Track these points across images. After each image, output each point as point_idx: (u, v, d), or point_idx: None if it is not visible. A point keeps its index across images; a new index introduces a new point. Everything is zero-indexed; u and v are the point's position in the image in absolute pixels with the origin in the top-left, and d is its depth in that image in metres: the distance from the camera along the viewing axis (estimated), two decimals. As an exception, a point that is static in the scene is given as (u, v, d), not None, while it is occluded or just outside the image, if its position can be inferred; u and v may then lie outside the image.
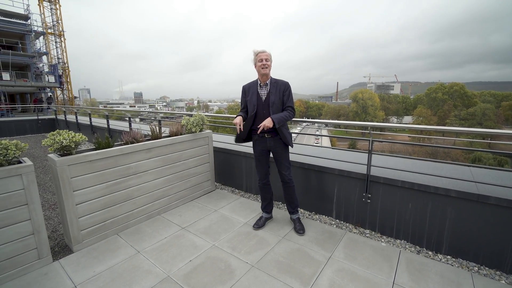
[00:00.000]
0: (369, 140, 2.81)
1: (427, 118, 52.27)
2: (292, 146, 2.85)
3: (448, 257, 2.44)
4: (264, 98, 2.72)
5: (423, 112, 54.15)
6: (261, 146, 2.81)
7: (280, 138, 2.75)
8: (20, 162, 2.21)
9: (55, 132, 2.43)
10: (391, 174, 2.76)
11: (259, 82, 2.76)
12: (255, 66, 2.71)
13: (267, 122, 2.54)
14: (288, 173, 2.85)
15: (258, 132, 2.63)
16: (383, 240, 2.74)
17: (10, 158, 2.07)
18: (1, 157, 1.99)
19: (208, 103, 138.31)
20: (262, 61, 2.63)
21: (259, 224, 2.99)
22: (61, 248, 2.65)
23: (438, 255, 2.49)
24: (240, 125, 2.72)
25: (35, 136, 10.32)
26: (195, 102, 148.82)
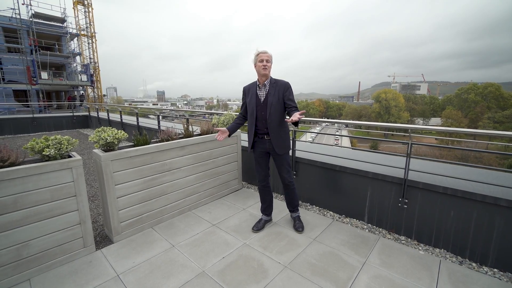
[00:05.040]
0: (408, 143, 2.70)
1: (457, 120, 49.21)
2: (280, 153, 2.70)
3: (495, 270, 2.29)
4: (262, 100, 2.67)
5: (453, 113, 51.03)
6: (261, 148, 2.78)
7: (271, 143, 2.67)
8: (70, 156, 2.37)
9: (99, 129, 2.57)
10: (430, 179, 2.63)
11: (258, 83, 2.71)
12: (255, 66, 2.64)
13: (298, 114, 2.31)
14: (289, 176, 2.82)
15: (295, 119, 2.29)
16: (420, 248, 2.62)
17: (63, 152, 2.22)
18: (56, 151, 2.14)
19: (228, 102, 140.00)
20: (262, 62, 2.57)
21: (259, 227, 2.94)
22: (102, 238, 2.81)
23: (483, 267, 2.33)
24: (219, 134, 2.73)
25: (70, 132, 11.02)
26: (215, 101, 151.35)
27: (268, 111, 2.62)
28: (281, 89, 2.63)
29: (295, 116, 2.27)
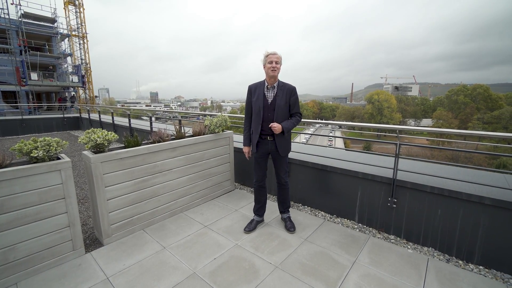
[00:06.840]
0: (397, 143, 2.75)
1: (448, 121, 50.21)
2: (282, 155, 2.81)
3: (481, 267, 2.35)
4: (270, 101, 2.71)
5: (443, 115, 52.08)
6: (263, 149, 2.82)
7: (275, 144, 2.76)
8: (59, 158, 2.34)
9: (90, 131, 2.54)
10: (418, 179, 2.69)
11: (266, 84, 2.73)
12: (264, 67, 2.68)
13: (278, 128, 2.61)
14: (285, 176, 2.94)
15: (269, 126, 2.66)
16: (409, 246, 2.67)
17: (52, 154, 2.19)
18: (44, 153, 2.12)
19: (221, 103, 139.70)
20: (272, 63, 2.60)
21: (250, 228, 2.95)
22: (91, 241, 2.77)
23: (470, 264, 2.39)
24: (248, 154, 2.93)
25: (61, 133, 10.83)
26: (209, 102, 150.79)
27: (276, 113, 2.68)
28: (289, 93, 2.71)
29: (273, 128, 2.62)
